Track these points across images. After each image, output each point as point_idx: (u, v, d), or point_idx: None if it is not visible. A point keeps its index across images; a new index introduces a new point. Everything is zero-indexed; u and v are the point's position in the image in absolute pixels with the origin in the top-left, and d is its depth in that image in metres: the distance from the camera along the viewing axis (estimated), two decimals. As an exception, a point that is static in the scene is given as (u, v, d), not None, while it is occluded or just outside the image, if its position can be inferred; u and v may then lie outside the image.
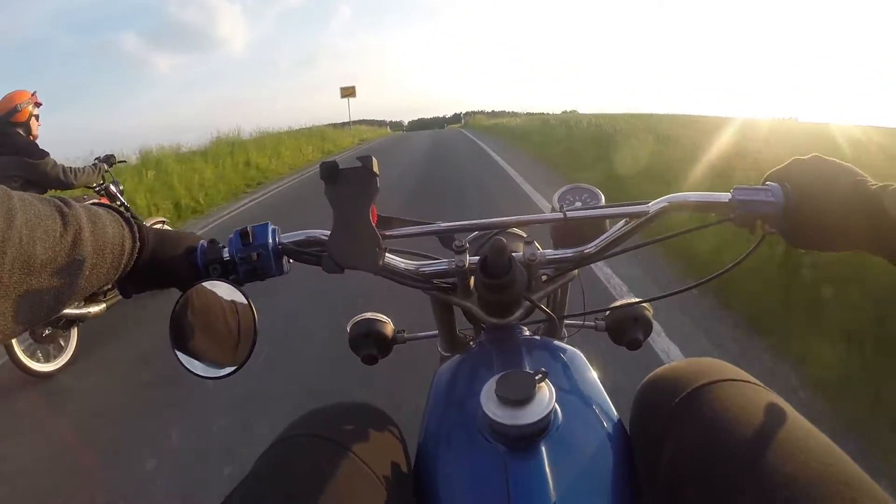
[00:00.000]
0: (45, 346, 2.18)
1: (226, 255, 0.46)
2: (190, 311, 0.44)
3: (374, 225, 0.45)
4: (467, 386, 0.46)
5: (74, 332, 2.30)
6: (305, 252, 0.48)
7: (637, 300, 0.60)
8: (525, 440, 0.37)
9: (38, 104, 2.44)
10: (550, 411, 0.37)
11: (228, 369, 0.44)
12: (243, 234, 0.46)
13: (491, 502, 0.35)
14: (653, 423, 0.41)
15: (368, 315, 0.66)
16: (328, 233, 0.47)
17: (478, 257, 0.48)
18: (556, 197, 0.63)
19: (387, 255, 0.48)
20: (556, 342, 0.52)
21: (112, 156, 2.88)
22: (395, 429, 0.47)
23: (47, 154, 2.40)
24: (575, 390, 0.44)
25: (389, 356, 0.66)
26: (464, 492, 0.38)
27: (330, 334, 2.09)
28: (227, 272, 0.46)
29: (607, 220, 0.56)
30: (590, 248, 0.51)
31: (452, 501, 0.38)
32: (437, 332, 0.63)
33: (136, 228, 0.41)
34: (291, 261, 0.50)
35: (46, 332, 2.17)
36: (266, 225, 0.47)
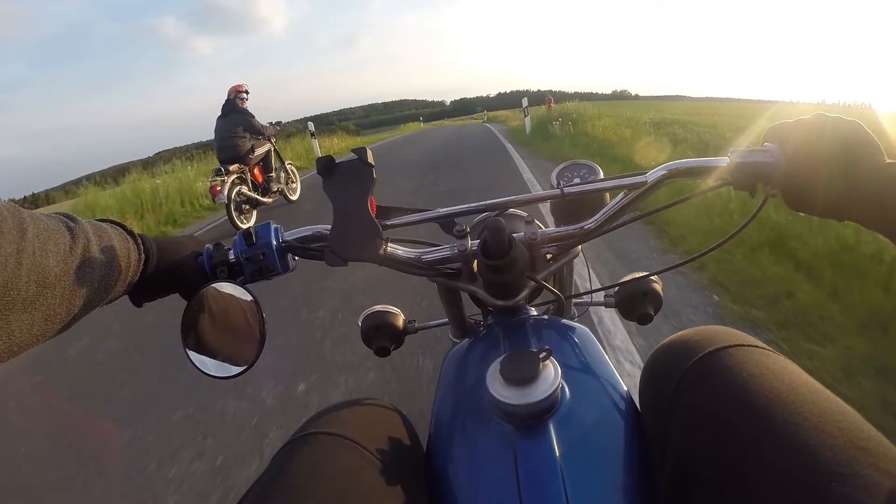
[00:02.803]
0: (245, 214, 4.68)
1: (231, 256, 0.47)
2: (200, 314, 0.44)
3: (373, 215, 0.46)
4: (475, 369, 0.47)
5: (255, 212, 4.81)
6: (309, 248, 0.49)
7: (645, 274, 0.59)
8: (532, 419, 0.37)
9: (247, 92, 4.98)
10: (556, 389, 0.37)
11: (240, 368, 0.45)
12: (247, 234, 0.47)
13: (500, 483, 0.35)
14: (663, 392, 0.40)
15: (379, 308, 0.66)
16: (330, 227, 0.47)
17: (479, 241, 0.48)
18: (554, 174, 0.63)
19: (389, 244, 0.49)
20: (563, 321, 0.52)
21: (280, 122, 5.36)
22: (405, 421, 0.48)
23: (254, 116, 4.91)
24: (582, 367, 0.44)
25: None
26: (473, 474, 0.38)
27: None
28: (233, 274, 0.47)
29: (607, 194, 0.56)
30: (590, 223, 0.51)
31: (462, 485, 0.39)
32: (447, 320, 0.64)
33: (139, 240, 0.42)
34: (297, 258, 0.50)
35: (246, 207, 4.69)
36: (268, 224, 0.48)
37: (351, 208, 0.46)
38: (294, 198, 5.56)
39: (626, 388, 0.43)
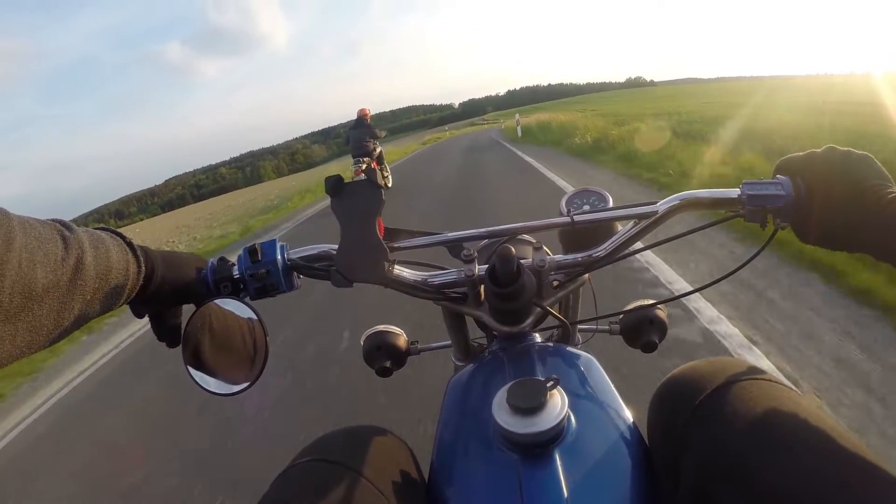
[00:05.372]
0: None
1: (235, 272, 0.47)
2: (202, 329, 0.44)
3: (381, 237, 0.46)
4: (480, 395, 0.46)
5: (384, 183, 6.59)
6: (314, 267, 0.49)
7: (651, 302, 0.59)
8: (538, 448, 0.37)
9: (369, 113, 7.48)
10: (563, 418, 0.37)
11: (241, 385, 0.44)
12: (252, 251, 0.47)
13: None
14: (673, 425, 0.40)
15: (381, 328, 0.66)
16: (337, 247, 0.47)
17: (486, 266, 0.48)
18: (563, 201, 0.62)
19: (395, 267, 0.48)
20: (569, 348, 0.52)
21: (386, 131, 8.14)
22: (405, 448, 0.47)
23: (374, 127, 7.36)
24: (589, 396, 0.44)
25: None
26: (477, 502, 0.38)
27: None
28: (237, 290, 0.47)
29: (617, 223, 0.55)
30: (599, 251, 0.51)
31: None
32: (450, 342, 0.64)
33: (139, 252, 0.41)
34: (301, 276, 0.50)
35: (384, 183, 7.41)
36: (274, 242, 0.48)
37: (359, 229, 0.46)
38: (389, 185, 7.93)
39: (633, 421, 0.43)
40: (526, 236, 0.60)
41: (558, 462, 0.36)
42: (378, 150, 7.46)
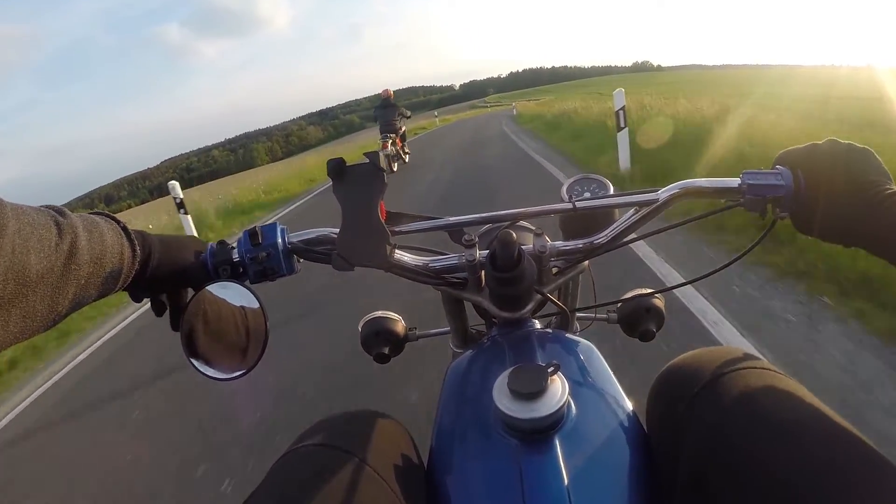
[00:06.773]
0: (391, 165, 8.11)
1: (235, 256, 0.46)
2: (201, 313, 0.44)
3: (382, 221, 0.45)
4: (480, 381, 0.46)
5: (396, 164, 8.35)
6: (315, 251, 0.48)
7: (649, 291, 0.59)
8: (539, 434, 0.37)
9: (393, 93, 8.76)
10: (563, 404, 0.37)
11: (240, 370, 0.44)
12: (252, 234, 0.46)
13: (505, 497, 0.35)
14: (671, 413, 0.40)
15: (379, 314, 0.66)
16: (338, 230, 0.47)
17: (487, 251, 0.48)
18: (564, 188, 0.62)
19: (396, 251, 0.48)
20: (569, 335, 0.52)
21: (410, 112, 8.75)
22: (404, 432, 0.47)
23: (400, 107, 8.46)
24: (588, 383, 0.44)
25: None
26: (477, 487, 0.38)
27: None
28: (236, 273, 0.46)
29: (617, 210, 0.55)
30: (599, 238, 0.51)
31: (466, 498, 0.38)
32: (448, 328, 0.63)
33: (133, 237, 0.41)
34: (301, 260, 0.50)
35: (393, 161, 8.21)
36: (275, 225, 0.48)
37: (361, 213, 0.45)
38: (407, 160, 8.81)
39: (632, 408, 0.43)
40: (526, 223, 0.60)
41: (558, 448, 0.36)
42: (403, 128, 8.64)
